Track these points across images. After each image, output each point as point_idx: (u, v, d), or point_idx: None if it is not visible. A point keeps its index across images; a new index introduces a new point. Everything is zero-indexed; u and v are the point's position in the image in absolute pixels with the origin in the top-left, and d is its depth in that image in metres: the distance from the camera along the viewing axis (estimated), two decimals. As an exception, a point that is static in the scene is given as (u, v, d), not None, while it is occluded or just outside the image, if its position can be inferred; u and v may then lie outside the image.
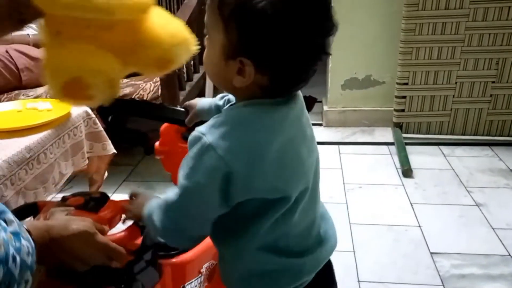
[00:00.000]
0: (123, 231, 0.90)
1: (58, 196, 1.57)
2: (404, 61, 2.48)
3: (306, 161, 0.76)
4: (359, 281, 1.55)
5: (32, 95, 2.19)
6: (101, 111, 1.09)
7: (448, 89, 2.51)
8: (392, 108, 2.68)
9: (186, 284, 1.20)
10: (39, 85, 2.32)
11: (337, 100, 2.88)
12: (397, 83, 2.55)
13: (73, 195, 0.95)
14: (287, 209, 0.74)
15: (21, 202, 1.29)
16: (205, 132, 0.69)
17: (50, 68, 0.76)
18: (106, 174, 1.80)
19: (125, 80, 2.37)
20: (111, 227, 0.92)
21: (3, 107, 1.61)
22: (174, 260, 1.17)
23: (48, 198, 1.44)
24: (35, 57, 2.29)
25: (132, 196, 0.93)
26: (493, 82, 2.47)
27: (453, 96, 2.53)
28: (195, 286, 1.23)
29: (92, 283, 0.93)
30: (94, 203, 0.92)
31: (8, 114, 1.56)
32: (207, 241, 1.19)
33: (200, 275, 1.24)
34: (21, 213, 0.95)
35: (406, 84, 2.53)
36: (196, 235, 0.81)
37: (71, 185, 1.56)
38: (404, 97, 2.56)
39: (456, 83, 2.49)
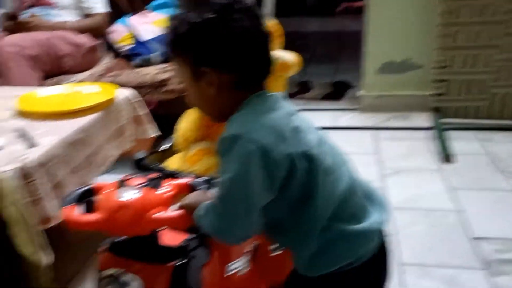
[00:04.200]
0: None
1: (101, 178, 1.63)
2: (443, 44, 2.43)
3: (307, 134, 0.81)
4: (402, 264, 1.56)
5: (75, 80, 2.25)
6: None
7: (487, 72, 2.45)
8: (429, 93, 2.64)
9: (231, 263, 1.23)
10: (81, 70, 2.39)
11: (373, 85, 2.85)
12: (436, 67, 2.50)
13: (130, 176, 0.99)
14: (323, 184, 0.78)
15: (73, 181, 1.34)
16: (224, 132, 0.77)
17: None
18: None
19: (162, 66, 2.41)
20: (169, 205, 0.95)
21: (51, 91, 1.67)
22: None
23: (94, 180, 1.49)
24: (77, 43, 2.35)
25: (192, 187, 0.96)
26: (535, 65, 2.40)
27: (492, 80, 2.46)
28: (241, 265, 1.26)
29: (152, 258, 0.97)
30: (153, 183, 0.95)
31: (56, 97, 1.61)
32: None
33: (244, 255, 1.27)
34: (80, 196, 0.99)
35: (445, 67, 2.48)
36: (245, 230, 0.83)
37: (115, 167, 1.61)
38: (443, 81, 2.52)
39: (495, 66, 2.43)
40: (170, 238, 1.05)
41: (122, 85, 2.18)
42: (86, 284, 1.53)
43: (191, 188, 1.01)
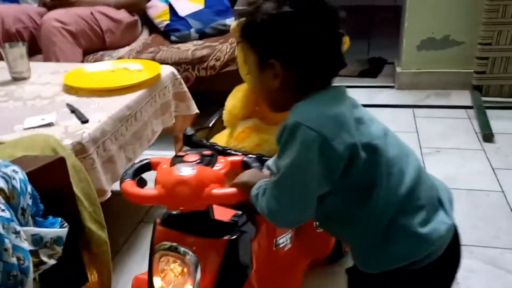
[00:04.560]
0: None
1: (147, 153, 1.67)
2: (489, 20, 2.35)
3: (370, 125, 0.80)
4: (440, 243, 1.55)
5: (115, 56, 2.29)
6: None
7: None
8: (470, 70, 2.57)
9: (278, 238, 1.26)
10: (120, 46, 2.42)
11: (411, 62, 2.79)
12: (480, 43, 2.43)
13: (185, 152, 1.01)
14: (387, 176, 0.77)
15: (122, 156, 1.38)
16: (287, 119, 0.77)
17: None
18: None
19: (200, 42, 2.42)
20: (225, 181, 0.97)
21: (97, 67, 1.71)
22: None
23: (142, 154, 1.53)
24: (117, 19, 2.38)
25: (245, 164, 0.99)
26: None
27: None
28: (286, 240, 1.29)
29: (206, 232, 1.00)
30: (208, 159, 0.97)
31: (103, 74, 1.65)
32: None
33: (290, 231, 1.30)
34: (138, 170, 1.02)
35: (490, 44, 2.41)
36: (298, 216, 0.83)
37: (157, 143, 1.64)
38: (487, 58, 2.45)
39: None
40: (218, 213, 1.08)
41: (162, 61, 2.20)
42: (135, 254, 1.59)
43: (244, 165, 1.03)
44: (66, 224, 0.79)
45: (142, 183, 1.04)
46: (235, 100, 1.30)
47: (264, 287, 1.14)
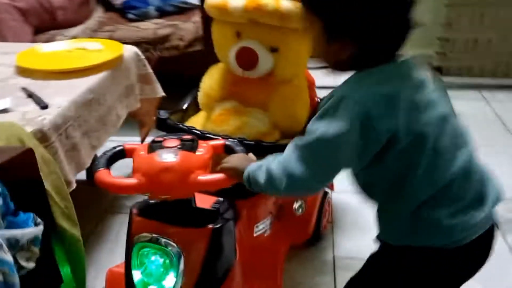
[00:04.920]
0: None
1: (115, 139, 1.56)
2: (451, 1, 2.38)
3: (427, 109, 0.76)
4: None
5: (68, 35, 2.14)
6: None
7: (493, 31, 2.43)
8: (430, 51, 2.61)
9: (258, 223, 1.22)
10: (73, 24, 2.26)
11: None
12: (441, 24, 2.46)
13: (164, 137, 0.94)
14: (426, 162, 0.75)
15: (86, 144, 1.28)
16: (336, 90, 0.76)
17: None
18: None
19: (160, 21, 2.30)
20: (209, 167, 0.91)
21: (52, 47, 1.57)
22: (247, 201, 1.19)
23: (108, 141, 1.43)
24: (69, -4, 2.22)
25: (228, 148, 0.95)
26: (539, 23, 2.39)
27: (498, 38, 2.45)
28: (266, 226, 1.25)
29: (188, 222, 0.94)
30: (190, 144, 0.91)
31: (59, 54, 1.52)
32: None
33: (270, 215, 1.26)
34: (112, 158, 0.94)
35: (451, 25, 2.44)
36: (318, 183, 0.81)
37: (119, 128, 1.54)
38: (448, 39, 2.48)
39: (502, 25, 2.41)
40: (198, 201, 1.03)
41: (120, 41, 2.07)
42: (103, 246, 1.51)
43: (226, 149, 0.97)
44: (39, 220, 0.71)
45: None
46: (211, 80, 1.23)
47: (246, 274, 1.10)
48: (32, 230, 0.66)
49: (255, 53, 1.11)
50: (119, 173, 0.94)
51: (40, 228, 0.69)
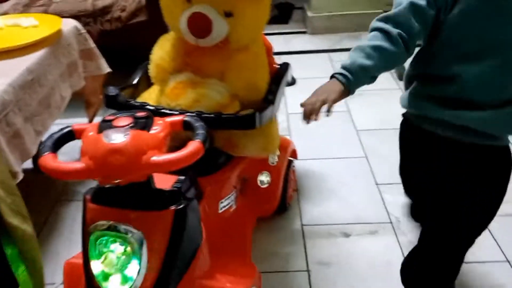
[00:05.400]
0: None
1: (60, 122, 1.45)
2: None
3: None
4: (377, 184, 1.57)
5: (-3, 13, 1.96)
6: None
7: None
8: (381, 11, 2.59)
9: (223, 199, 1.18)
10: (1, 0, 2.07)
11: (322, 6, 2.75)
12: (389, -17, 2.44)
13: (115, 115, 0.86)
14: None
15: (30, 129, 1.18)
16: None
17: None
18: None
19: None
20: (166, 146, 0.84)
21: (-19, 26, 1.42)
22: (210, 177, 1.14)
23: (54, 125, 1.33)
24: (-6, -32, 2.02)
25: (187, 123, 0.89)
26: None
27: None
28: (231, 201, 1.21)
29: (148, 205, 0.88)
30: (143, 122, 0.83)
31: (-10, 33, 1.38)
32: (241, 159, 1.15)
33: (235, 190, 1.22)
34: (59, 141, 0.86)
35: (398, -17, 2.43)
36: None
37: (65, 109, 1.44)
38: (395, -3, 2.47)
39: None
40: (158, 181, 0.96)
41: (57, 15, 1.93)
42: (58, 237, 1.42)
43: (185, 125, 0.91)
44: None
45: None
46: (162, 51, 1.14)
47: (215, 253, 1.06)
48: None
49: (208, 18, 1.03)
50: (71, 158, 0.86)
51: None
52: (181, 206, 0.89)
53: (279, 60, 2.50)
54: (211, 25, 1.04)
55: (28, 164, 1.23)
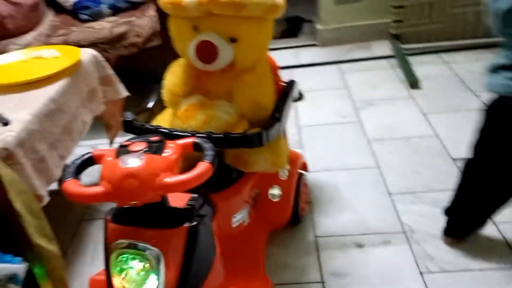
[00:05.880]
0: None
1: (84, 143, 1.53)
2: (402, -31, 2.40)
3: None
4: (389, 193, 1.60)
5: (22, 43, 2.07)
6: None
7: (446, -6, 2.47)
8: (388, 20, 2.64)
9: (235, 214, 1.23)
10: (25, 31, 2.19)
11: (330, 18, 2.80)
12: (395, -7, 2.49)
13: (131, 140, 0.93)
14: None
15: (54, 155, 1.26)
16: None
17: None
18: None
19: (114, 19, 2.25)
20: (178, 168, 0.90)
21: (6, 59, 1.52)
22: (222, 193, 1.19)
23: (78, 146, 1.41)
24: (16, 1, 2.14)
25: (197, 145, 0.94)
26: (490, -17, 2.43)
27: (451, 0, 2.48)
28: (244, 216, 1.26)
29: (163, 223, 0.94)
30: (156, 146, 0.90)
31: (14, 66, 1.48)
32: (251, 174, 1.20)
33: (247, 205, 1.27)
34: (80, 167, 0.93)
35: (404, -8, 2.47)
36: None
37: (88, 132, 1.52)
38: (402, 6, 2.51)
39: (454, -14, 2.45)
40: (172, 200, 1.02)
41: (76, 43, 2.03)
42: (83, 255, 1.49)
43: (196, 147, 0.97)
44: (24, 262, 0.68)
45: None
46: (174, 77, 1.22)
47: (229, 266, 1.11)
48: (11, 266, 0.65)
49: (214, 45, 1.10)
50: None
51: (22, 266, 0.67)
52: (194, 223, 0.95)
53: (290, 74, 2.58)
54: (217, 52, 1.10)
55: (54, 186, 1.31)
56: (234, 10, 1.07)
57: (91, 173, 0.96)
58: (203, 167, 0.87)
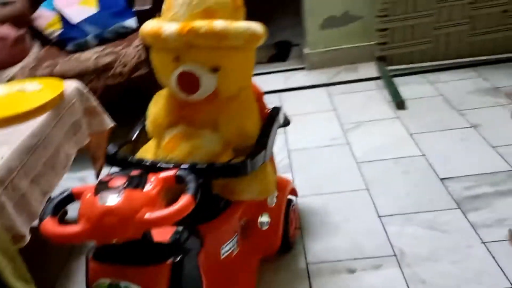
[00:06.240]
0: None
1: (69, 176, 1.51)
2: (384, -7, 2.44)
3: None
4: (379, 216, 1.59)
5: (6, 77, 2.07)
6: None
7: (429, 15, 2.51)
8: (373, 43, 2.67)
9: (224, 245, 1.21)
10: (8, 66, 2.19)
11: (317, 42, 2.83)
12: (378, 16, 2.52)
13: (111, 176, 0.91)
14: None
15: (36, 191, 1.23)
16: None
17: None
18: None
19: (100, 49, 2.26)
20: (160, 203, 0.89)
21: (-11, 94, 1.51)
22: (210, 224, 1.17)
23: (59, 183, 1.38)
24: (1, 36, 2.14)
25: (178, 178, 0.94)
26: (470, 3, 2.48)
27: (434, 22, 2.52)
28: (233, 245, 1.24)
29: (146, 260, 0.92)
30: (136, 180, 0.88)
31: (-3, 100, 1.46)
32: (239, 203, 1.19)
33: (236, 234, 1.25)
34: (59, 204, 0.91)
35: (387, 16, 2.50)
36: None
37: (73, 164, 1.50)
38: (386, 29, 2.55)
39: (435, 8, 2.49)
40: (157, 233, 1.00)
41: (62, 75, 2.02)
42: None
43: (178, 179, 0.96)
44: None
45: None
46: (157, 108, 1.21)
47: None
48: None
49: (196, 76, 1.10)
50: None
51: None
52: (178, 259, 0.93)
53: (279, 97, 2.59)
54: (199, 82, 1.10)
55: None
56: (215, 40, 1.07)
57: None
58: (185, 200, 0.86)
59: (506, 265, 1.33)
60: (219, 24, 1.07)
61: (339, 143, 2.06)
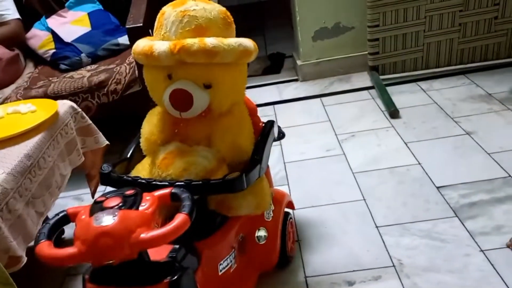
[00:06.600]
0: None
1: (65, 195, 1.51)
2: (372, 3, 2.46)
3: None
4: (377, 226, 1.59)
5: (0, 98, 2.06)
6: None
7: (419, 24, 2.53)
8: (365, 52, 2.69)
9: (221, 261, 1.20)
10: (3, 86, 2.19)
11: (310, 53, 2.85)
12: (369, 26, 2.54)
13: (105, 196, 0.91)
14: None
15: (32, 212, 1.23)
16: None
17: None
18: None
19: (94, 67, 2.27)
20: (156, 221, 0.89)
21: (-18, 116, 1.50)
22: (207, 241, 1.17)
23: (55, 203, 1.38)
24: (-6, 57, 2.14)
25: (174, 196, 0.94)
26: (460, 11, 2.50)
27: (424, 30, 2.55)
28: (230, 261, 1.23)
29: (143, 280, 0.91)
30: (131, 200, 0.88)
31: (-9, 123, 1.46)
32: (236, 218, 1.19)
33: (233, 250, 1.25)
34: (54, 227, 0.91)
35: (378, 26, 2.52)
36: None
37: (69, 184, 1.50)
38: (377, 39, 2.56)
39: (425, 17, 2.51)
40: (153, 252, 1.00)
41: (56, 94, 2.03)
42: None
43: (173, 197, 0.95)
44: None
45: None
46: (151, 126, 1.21)
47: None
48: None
49: (189, 93, 1.10)
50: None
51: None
52: (175, 278, 0.92)
53: (274, 109, 2.59)
54: (192, 99, 1.10)
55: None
56: (206, 58, 1.08)
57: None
58: (180, 219, 0.86)
59: (506, 273, 1.33)
60: (210, 41, 1.08)
61: (335, 154, 2.06)
